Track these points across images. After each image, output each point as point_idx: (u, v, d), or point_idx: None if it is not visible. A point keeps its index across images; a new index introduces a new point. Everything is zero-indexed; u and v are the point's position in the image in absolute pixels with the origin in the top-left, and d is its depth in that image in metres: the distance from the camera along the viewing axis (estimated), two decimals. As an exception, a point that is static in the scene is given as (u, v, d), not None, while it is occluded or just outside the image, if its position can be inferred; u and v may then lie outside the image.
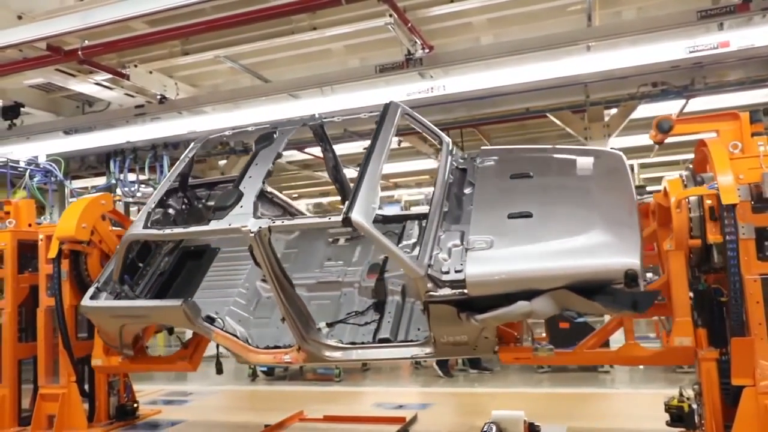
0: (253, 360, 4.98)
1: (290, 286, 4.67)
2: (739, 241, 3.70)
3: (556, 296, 3.88)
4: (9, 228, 6.32)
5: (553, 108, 10.55)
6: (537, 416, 6.06)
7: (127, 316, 5.23)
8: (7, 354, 6.19)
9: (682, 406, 4.28)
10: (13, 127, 10.27)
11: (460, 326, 4.16)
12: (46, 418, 5.97)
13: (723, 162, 3.80)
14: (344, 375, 9.55)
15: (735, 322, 3.70)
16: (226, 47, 8.87)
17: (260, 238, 4.51)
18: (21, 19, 7.61)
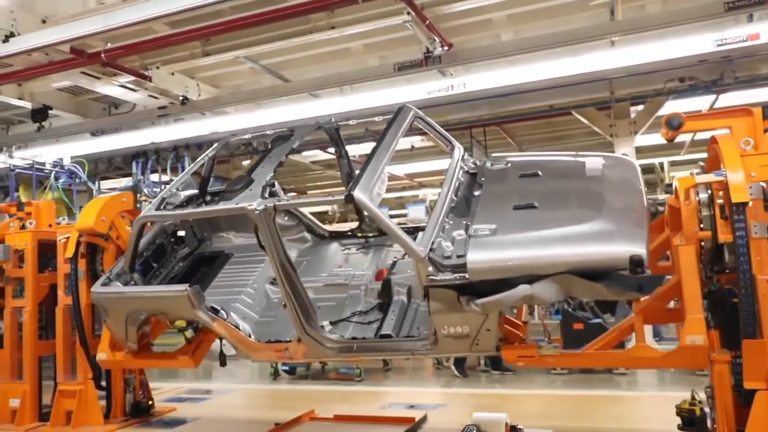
0: (253, 353, 4.97)
1: (293, 272, 4.68)
2: (750, 241, 3.57)
3: (558, 281, 3.80)
4: (29, 228, 6.45)
5: (577, 105, 10.39)
6: (547, 418, 6.07)
7: (134, 302, 5.28)
8: (28, 351, 6.33)
9: (693, 410, 4.15)
10: (41, 129, 10.52)
11: (460, 315, 4.10)
12: (65, 414, 6.08)
13: (733, 159, 3.67)
14: (366, 375, 9.55)
15: (746, 323, 3.58)
16: (246, 48, 8.93)
17: (265, 217, 4.59)
18: (45, 23, 7.77)
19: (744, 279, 3.55)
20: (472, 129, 11.96)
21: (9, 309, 6.47)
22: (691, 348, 3.75)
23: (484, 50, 8.79)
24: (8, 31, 7.47)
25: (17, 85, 9.72)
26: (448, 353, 4.51)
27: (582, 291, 3.86)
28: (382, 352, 4.71)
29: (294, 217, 6.26)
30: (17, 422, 6.30)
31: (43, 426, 6.22)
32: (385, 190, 5.33)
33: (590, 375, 8.64)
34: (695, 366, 4.12)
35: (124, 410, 6.31)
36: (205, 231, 6.42)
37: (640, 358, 4.09)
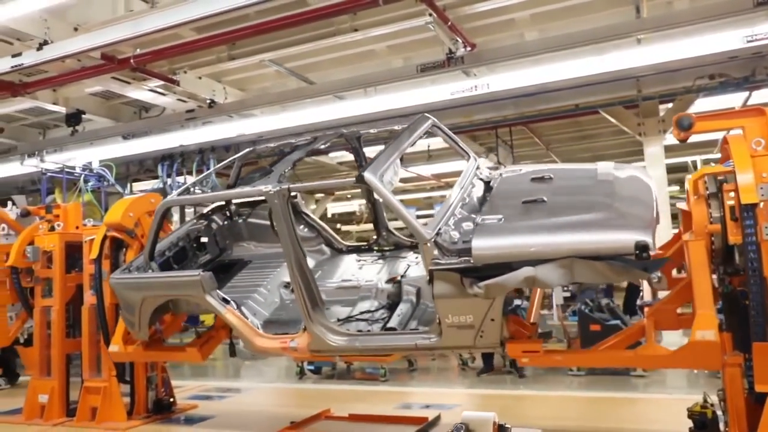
0: (258, 344, 5.02)
1: (303, 257, 4.83)
2: (761, 242, 3.49)
3: (562, 264, 3.83)
4: (57, 230, 6.67)
5: (603, 104, 10.26)
6: (559, 419, 6.07)
7: (149, 288, 5.45)
8: (56, 349, 6.55)
9: (705, 413, 4.08)
10: (75, 133, 10.83)
11: (464, 301, 4.14)
12: (90, 409, 6.28)
13: (743, 160, 3.60)
14: (391, 375, 9.60)
15: (756, 326, 3.52)
16: (271, 51, 9.07)
17: (279, 198, 4.81)
18: (77, 30, 8.01)
19: (754, 281, 3.48)
20: (498, 129, 11.93)
21: (38, 308, 6.72)
22: (701, 344, 3.68)
23: (507, 50, 8.76)
24: (42, 39, 7.71)
25: (52, 90, 10.02)
26: (452, 346, 4.43)
27: (586, 274, 3.86)
28: (385, 345, 4.69)
29: (314, 229, 6.39)
30: (46, 417, 6.53)
31: (70, 421, 6.43)
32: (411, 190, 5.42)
33: (608, 377, 8.57)
34: (706, 365, 4.00)
35: (147, 407, 6.47)
36: (227, 239, 6.53)
37: (649, 357, 4.06)
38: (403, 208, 4.47)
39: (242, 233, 6.55)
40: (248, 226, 6.51)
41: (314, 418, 5.75)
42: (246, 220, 6.55)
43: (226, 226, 6.49)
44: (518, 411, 6.69)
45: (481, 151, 13.69)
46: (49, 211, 6.80)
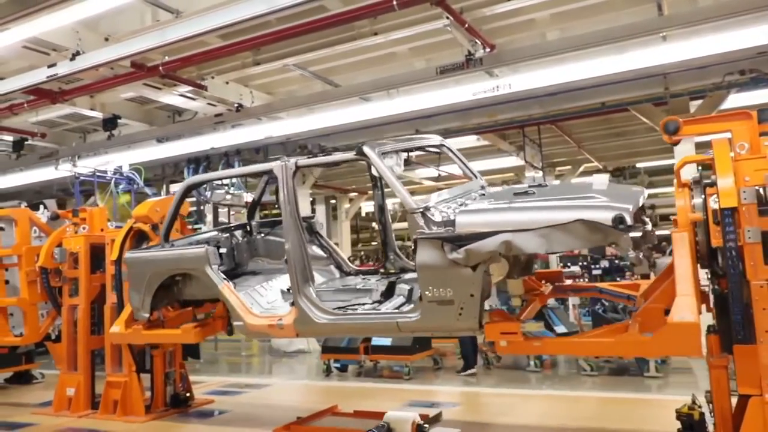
0: (248, 322, 5.27)
1: (301, 232, 5.13)
2: (744, 246, 3.47)
3: (540, 232, 3.97)
4: (82, 233, 7.03)
5: (630, 102, 10.12)
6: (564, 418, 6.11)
7: (158, 263, 5.82)
8: (82, 345, 6.92)
9: (692, 414, 4.07)
10: (111, 137, 11.29)
11: (445, 273, 4.27)
12: (113, 403, 6.61)
13: (724, 163, 3.58)
14: (417, 374, 9.71)
15: (738, 328, 3.50)
16: (294, 56, 9.24)
17: (285, 172, 5.21)
18: (107, 40, 8.36)
19: (734, 284, 3.47)
20: (525, 128, 11.86)
21: (66, 306, 7.09)
22: (680, 327, 3.62)
23: (527, 51, 8.71)
24: (75, 50, 8.08)
25: (90, 96, 10.47)
26: (432, 326, 4.53)
27: (563, 240, 3.98)
28: (367, 323, 4.89)
29: (326, 250, 6.62)
30: (72, 409, 6.91)
31: (94, 413, 6.80)
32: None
33: (622, 378, 8.60)
34: (686, 350, 3.80)
35: (165, 401, 6.76)
36: (244, 254, 6.72)
37: (628, 343, 4.02)
38: (397, 181, 4.74)
39: (259, 249, 6.81)
40: (265, 243, 6.77)
41: (321, 413, 5.93)
42: (264, 237, 6.81)
43: (245, 242, 6.72)
44: (528, 410, 6.75)
45: (512, 150, 13.63)
46: (76, 215, 7.15)
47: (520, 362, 10.00)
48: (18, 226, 7.41)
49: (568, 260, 14.22)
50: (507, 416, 6.37)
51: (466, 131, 11.80)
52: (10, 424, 6.82)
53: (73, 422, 6.70)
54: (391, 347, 9.80)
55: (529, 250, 4.07)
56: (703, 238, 3.78)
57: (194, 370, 11.11)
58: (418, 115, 10.63)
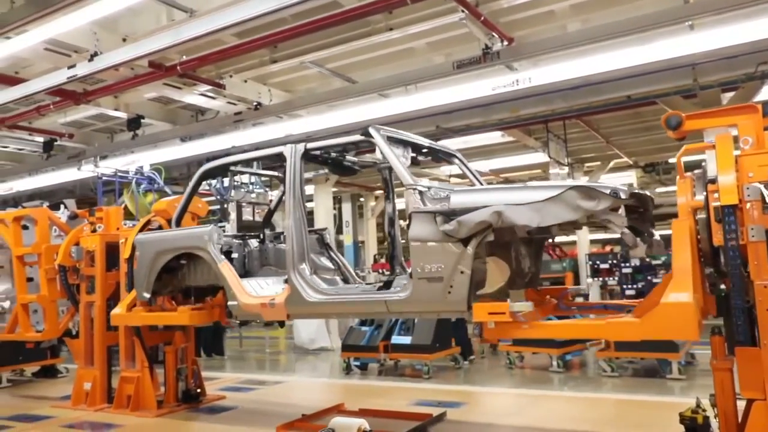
0: (242, 301, 5.38)
1: (303, 213, 5.26)
2: (747, 245, 3.28)
3: (533, 206, 4.01)
4: (99, 232, 7.15)
5: (658, 94, 9.79)
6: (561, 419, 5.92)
7: (164, 242, 6.07)
8: (98, 341, 7.04)
9: (695, 417, 3.89)
10: (135, 137, 11.47)
11: (437, 248, 4.31)
12: (126, 397, 6.72)
13: (726, 159, 3.39)
14: (438, 373, 9.62)
15: (738, 330, 3.33)
16: (310, 53, 9.23)
17: (293, 153, 5.45)
18: (125, 41, 8.47)
19: (735, 284, 3.28)
20: (549, 123, 11.62)
21: (83, 303, 7.22)
22: (673, 307, 3.46)
23: (546, 43, 8.47)
24: (93, 51, 8.21)
25: (114, 97, 10.65)
26: (421, 304, 4.49)
27: (556, 212, 3.97)
28: (357, 301, 4.95)
29: (335, 262, 6.61)
30: (89, 403, 7.06)
31: (110, 407, 6.93)
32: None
33: (643, 380, 8.38)
34: (681, 332, 3.59)
35: (177, 397, 6.83)
36: (254, 261, 6.77)
37: (618, 325, 3.88)
38: (397, 159, 4.87)
39: (269, 258, 6.83)
40: (276, 252, 6.78)
41: (326, 411, 5.92)
42: (276, 246, 6.84)
43: (257, 250, 6.76)
44: (531, 411, 6.67)
45: (538, 146, 13.38)
46: (92, 214, 7.28)
47: (544, 363, 9.83)
48: (38, 226, 7.59)
49: (597, 258, 13.91)
50: (511, 417, 6.25)
51: (488, 127, 11.60)
52: (30, 416, 7.00)
53: (89, 416, 6.82)
54: (410, 346, 9.73)
55: (521, 221, 4.07)
56: (705, 236, 3.59)
57: (219, 367, 11.27)
58: (439, 111, 10.48)
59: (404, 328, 10.05)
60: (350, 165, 6.58)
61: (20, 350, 9.04)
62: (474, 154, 14.96)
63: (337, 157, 6.47)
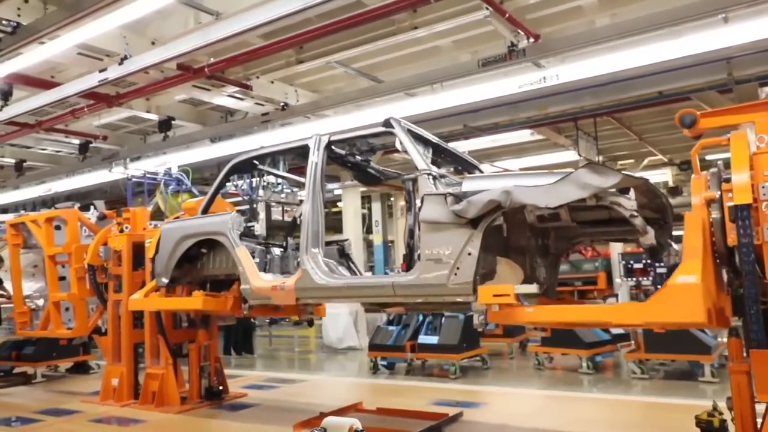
0: (254, 284, 5.51)
1: (321, 200, 5.40)
2: (763, 245, 3.16)
3: (544, 188, 4.01)
4: (126, 232, 7.31)
5: (691, 90, 9.59)
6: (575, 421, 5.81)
7: (186, 228, 6.26)
8: (125, 338, 7.20)
9: (712, 421, 3.79)
10: (167, 138, 11.68)
11: (446, 229, 4.35)
12: (151, 393, 6.86)
13: (741, 158, 3.28)
14: (464, 373, 9.57)
15: (754, 332, 3.21)
16: (335, 53, 9.27)
17: (317, 144, 5.66)
18: (154, 44, 8.63)
19: (749, 284, 3.17)
20: (578, 120, 11.43)
21: (111, 302, 7.39)
22: (679, 289, 3.36)
23: (573, 39, 8.32)
24: (123, 55, 8.39)
25: (145, 99, 10.88)
26: (426, 286, 4.47)
27: (564, 192, 3.94)
28: (364, 284, 5.09)
29: (354, 273, 6.54)
30: (116, 398, 7.24)
31: (136, 403, 7.08)
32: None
33: (675, 382, 8.19)
34: (687, 315, 3.42)
35: (200, 394, 6.94)
36: (275, 269, 6.65)
37: (622, 309, 3.83)
38: (414, 147, 4.95)
39: (290, 267, 6.72)
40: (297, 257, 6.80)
41: (344, 410, 5.94)
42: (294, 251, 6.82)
43: (279, 257, 6.69)
44: (550, 413, 6.60)
45: (568, 144, 13.17)
46: (119, 215, 7.45)
47: (573, 364, 9.69)
48: (68, 226, 7.81)
49: (630, 258, 13.63)
50: (527, 418, 6.19)
51: (516, 125, 11.49)
52: (60, 410, 7.20)
53: (115, 411, 6.99)
54: (437, 346, 9.70)
55: (529, 201, 4.06)
56: (719, 236, 3.48)
57: (248, 365, 11.42)
58: (465, 109, 10.42)
59: (431, 328, 10.02)
60: (375, 173, 6.63)
61: (54, 347, 9.34)
62: (503, 153, 14.83)
63: (362, 162, 6.52)
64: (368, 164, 6.80)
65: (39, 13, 7.72)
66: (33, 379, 9.34)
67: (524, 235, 4.87)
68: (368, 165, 6.76)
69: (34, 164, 15.29)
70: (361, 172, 6.61)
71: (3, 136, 11.78)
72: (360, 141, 6.09)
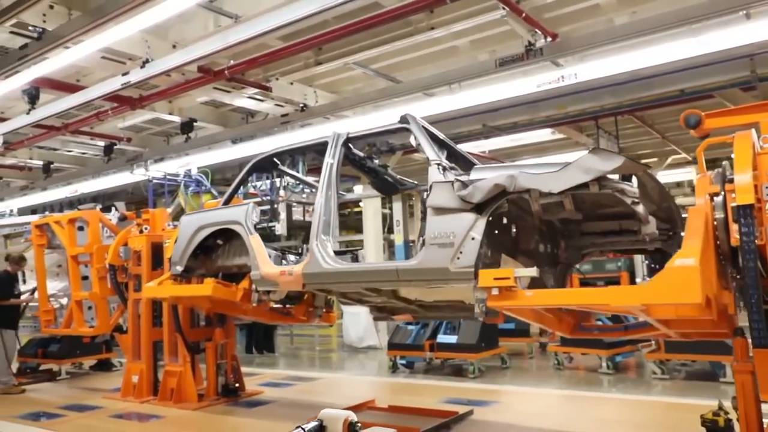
0: (263, 270, 5.59)
1: (335, 190, 5.50)
2: (765, 244, 3.13)
3: (546, 173, 4.10)
4: (145, 233, 7.46)
5: (712, 87, 9.44)
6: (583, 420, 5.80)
7: (205, 218, 6.38)
8: (144, 336, 7.36)
9: (717, 420, 3.77)
10: (188, 140, 11.87)
11: (452, 215, 4.44)
12: (170, 390, 7.01)
13: (744, 159, 3.26)
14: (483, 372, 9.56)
15: (757, 332, 3.20)
16: (353, 54, 9.33)
17: (336, 139, 5.83)
18: (175, 47, 8.78)
19: (751, 284, 3.15)
20: (599, 119, 11.33)
21: (131, 301, 7.56)
22: (677, 270, 3.34)
23: (591, 38, 8.25)
24: (145, 58, 8.55)
25: (168, 102, 11.06)
26: (429, 270, 4.52)
27: (569, 177, 4.00)
28: (369, 270, 5.15)
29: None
30: (136, 395, 7.42)
31: (154, 399, 7.23)
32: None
33: (695, 383, 8.11)
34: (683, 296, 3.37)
35: (217, 391, 7.06)
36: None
37: (620, 291, 3.88)
38: (427, 140, 5.07)
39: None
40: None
41: (356, 407, 6.02)
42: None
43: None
44: (559, 412, 6.62)
45: (590, 143, 13.05)
46: (139, 216, 7.60)
47: (593, 364, 9.62)
48: (90, 227, 8.00)
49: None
50: (536, 417, 6.21)
51: (535, 124, 11.44)
52: (82, 406, 7.44)
53: (135, 407, 7.17)
54: (456, 345, 9.71)
55: (533, 185, 4.13)
56: (723, 237, 3.45)
57: (270, 364, 11.55)
58: (484, 109, 10.41)
59: (450, 327, 10.03)
60: (392, 181, 6.68)
61: (78, 345, 9.58)
62: (524, 152, 14.77)
63: (380, 168, 6.60)
64: (386, 170, 6.89)
65: (63, 19, 7.90)
66: (58, 375, 9.62)
67: (532, 237, 4.88)
68: (385, 171, 6.84)
69: (61, 166, 15.64)
70: (378, 180, 6.70)
71: (31, 138, 12.07)
72: (379, 139, 6.17)
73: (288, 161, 11.49)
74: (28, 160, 14.87)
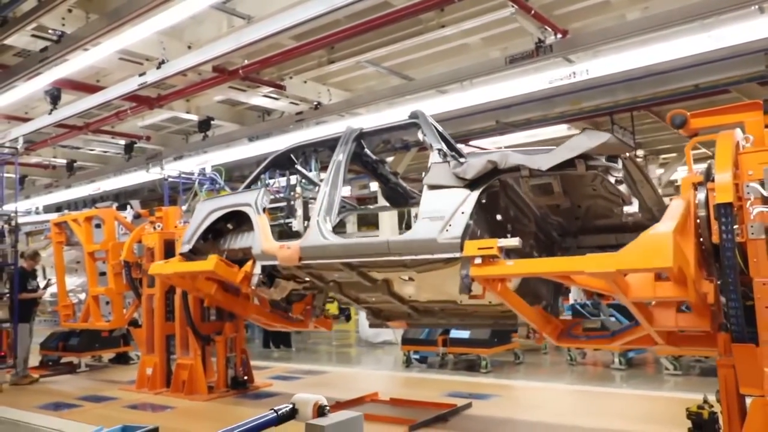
0: (264, 246, 5.73)
1: (342, 179, 5.66)
2: (747, 242, 3.19)
3: (537, 154, 4.31)
4: (158, 230, 7.66)
5: (727, 82, 9.31)
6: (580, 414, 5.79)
7: (219, 202, 6.59)
8: (157, 330, 7.57)
9: (701, 413, 3.82)
10: (206, 138, 12.09)
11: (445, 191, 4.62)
12: (181, 382, 7.20)
13: (724, 157, 3.30)
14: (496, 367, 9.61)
15: (736, 327, 3.25)
16: (366, 52, 9.42)
17: (349, 134, 6.10)
18: (190, 48, 8.96)
19: (732, 281, 3.21)
20: (614, 114, 11.24)
21: (145, 296, 7.77)
22: (652, 237, 3.41)
23: (601, 34, 8.24)
24: (161, 59, 8.75)
25: (185, 101, 11.28)
26: (418, 241, 4.65)
27: (555, 156, 4.17)
28: (363, 244, 5.30)
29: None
30: (149, 387, 7.65)
31: (167, 391, 7.45)
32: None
33: (708, 379, 8.00)
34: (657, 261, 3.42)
35: (226, 383, 7.25)
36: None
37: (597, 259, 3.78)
38: (433, 132, 5.25)
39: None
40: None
41: (359, 399, 6.13)
42: None
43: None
44: (556, 406, 6.65)
45: (606, 139, 12.94)
46: (152, 214, 7.81)
47: (606, 360, 9.61)
48: (105, 224, 8.23)
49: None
50: (532, 410, 6.29)
51: (550, 120, 11.41)
52: (98, 397, 7.70)
53: (148, 398, 7.39)
54: (468, 340, 9.76)
55: (523, 162, 4.34)
56: (706, 234, 3.49)
57: (286, 358, 11.72)
58: (497, 105, 10.43)
59: (463, 323, 10.08)
60: (402, 193, 6.84)
61: (97, 338, 9.86)
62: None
63: (390, 174, 6.72)
64: (396, 177, 7.00)
65: (82, 22, 8.12)
66: (78, 368, 9.91)
67: (529, 234, 4.94)
68: (396, 180, 6.95)
69: (84, 164, 16.04)
70: (388, 188, 6.89)
71: (54, 137, 12.40)
72: (391, 134, 6.29)
73: (301, 159, 11.71)
74: (52, 159, 15.27)
